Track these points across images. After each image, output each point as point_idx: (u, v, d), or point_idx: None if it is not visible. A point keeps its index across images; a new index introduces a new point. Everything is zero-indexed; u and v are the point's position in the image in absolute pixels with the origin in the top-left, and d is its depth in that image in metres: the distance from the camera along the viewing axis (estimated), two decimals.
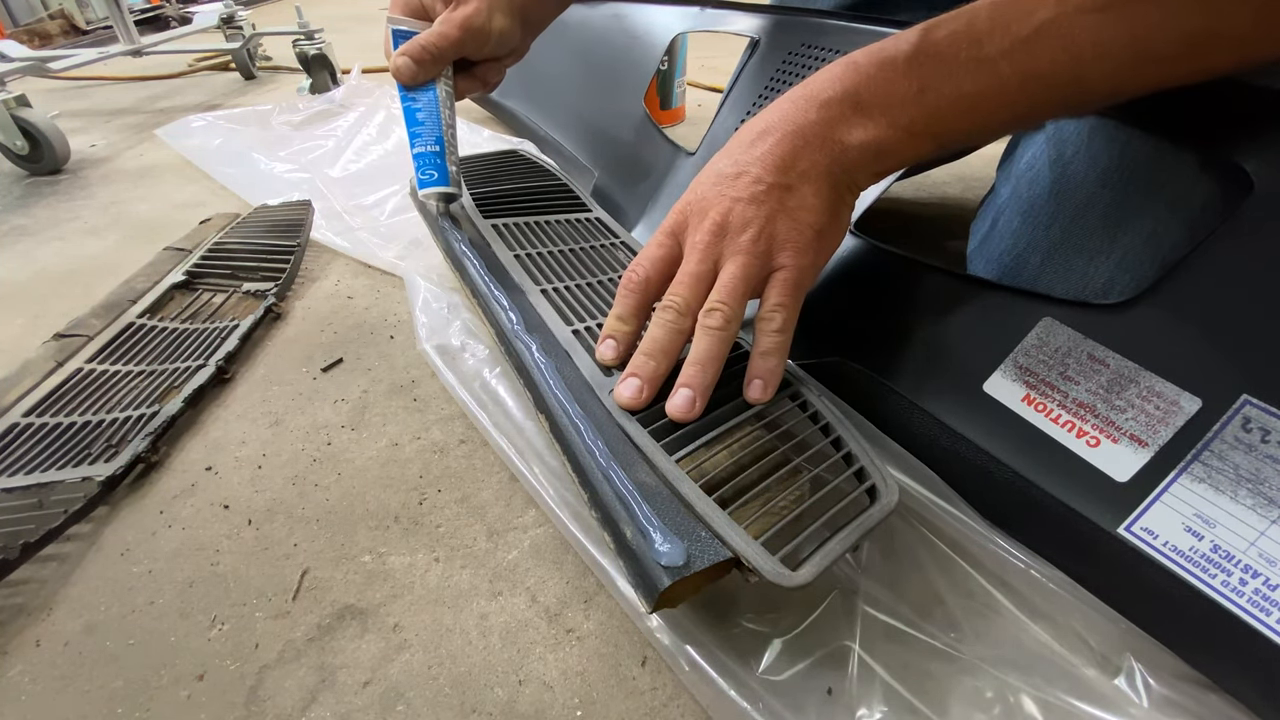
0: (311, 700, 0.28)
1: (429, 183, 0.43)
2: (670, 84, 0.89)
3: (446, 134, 0.43)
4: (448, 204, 0.47)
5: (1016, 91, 0.26)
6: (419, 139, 0.42)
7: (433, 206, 0.48)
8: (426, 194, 0.44)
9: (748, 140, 0.31)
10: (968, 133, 0.29)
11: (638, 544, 0.25)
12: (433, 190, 0.43)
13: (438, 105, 0.43)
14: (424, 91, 0.43)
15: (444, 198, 0.45)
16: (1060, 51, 0.25)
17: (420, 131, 0.42)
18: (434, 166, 0.42)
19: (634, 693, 0.28)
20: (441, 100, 0.43)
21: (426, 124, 0.42)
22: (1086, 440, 0.27)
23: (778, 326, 0.29)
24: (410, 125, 0.43)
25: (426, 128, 0.42)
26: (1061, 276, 0.34)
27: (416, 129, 0.42)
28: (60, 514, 0.33)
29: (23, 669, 0.29)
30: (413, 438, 0.41)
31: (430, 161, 0.42)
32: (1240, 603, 0.23)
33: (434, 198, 0.45)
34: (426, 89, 0.43)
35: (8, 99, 0.79)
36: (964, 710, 0.26)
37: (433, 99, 0.43)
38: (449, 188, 0.43)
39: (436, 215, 0.48)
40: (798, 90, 0.31)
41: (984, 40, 0.26)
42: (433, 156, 0.42)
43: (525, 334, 0.36)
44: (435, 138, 0.42)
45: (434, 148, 0.42)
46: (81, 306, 0.52)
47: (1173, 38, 0.24)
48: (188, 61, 1.35)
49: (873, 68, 0.29)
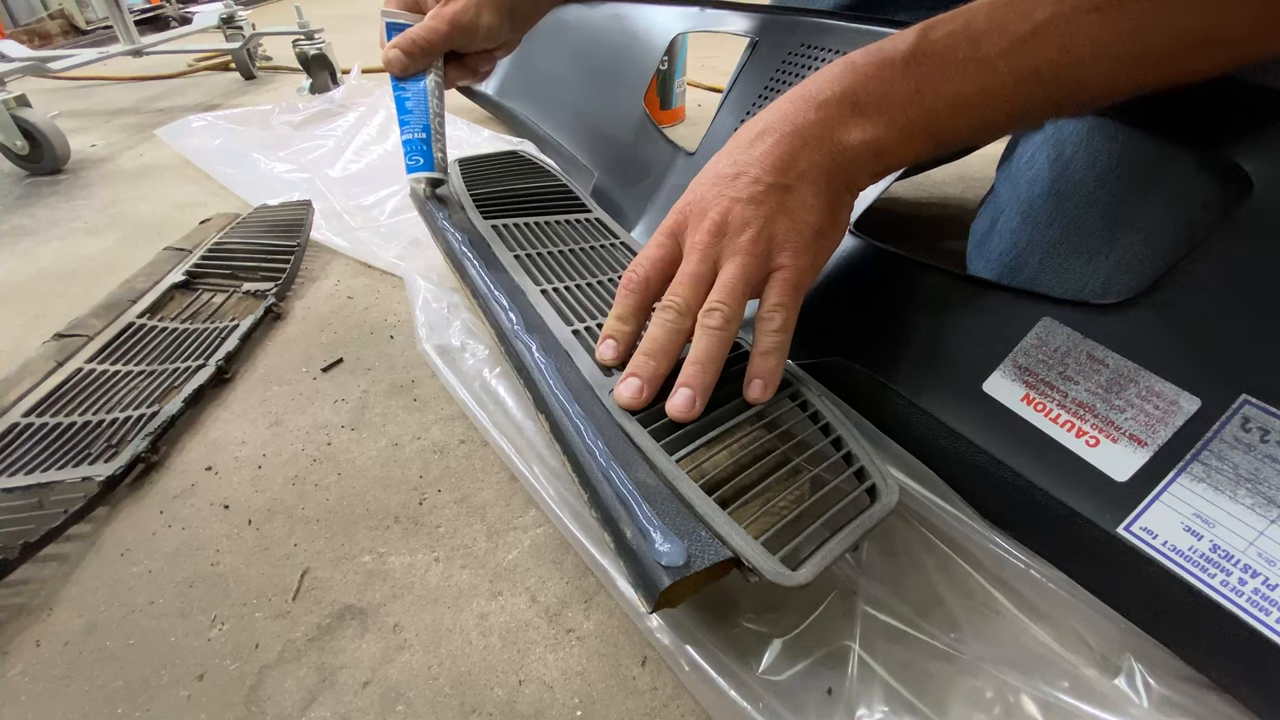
0: (311, 700, 0.28)
1: (415, 168, 0.46)
2: (670, 84, 0.89)
3: (434, 122, 0.45)
4: (434, 188, 0.50)
5: (1014, 91, 0.27)
6: (407, 126, 0.45)
7: (420, 190, 0.50)
8: (413, 178, 0.46)
9: (746, 141, 0.31)
10: (966, 132, 0.29)
11: (638, 544, 0.25)
12: (418, 175, 0.46)
13: (426, 95, 0.45)
14: (414, 82, 0.45)
15: (430, 182, 0.48)
16: (1058, 51, 0.25)
17: (409, 120, 0.45)
18: (420, 153, 0.45)
19: (634, 693, 0.28)
20: (430, 90, 0.45)
21: (415, 113, 0.45)
22: (1086, 440, 0.27)
23: (777, 326, 0.29)
24: (400, 114, 0.45)
25: (415, 116, 0.45)
26: (1061, 276, 0.34)
27: (405, 117, 0.45)
28: (60, 514, 0.33)
29: (23, 669, 0.29)
30: (413, 438, 0.41)
31: (417, 148, 0.45)
32: (1239, 602, 0.23)
33: (420, 182, 0.48)
34: (417, 79, 0.45)
35: (8, 99, 0.79)
36: (964, 710, 0.26)
37: (422, 89, 0.45)
38: (434, 173, 0.46)
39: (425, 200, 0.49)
40: (796, 91, 0.31)
41: (982, 40, 0.26)
42: (420, 143, 0.45)
43: (525, 334, 0.36)
44: (423, 125, 0.45)
45: (421, 135, 0.45)
46: (81, 306, 0.52)
47: (1171, 37, 0.24)
48: (188, 61, 1.35)
49: (871, 68, 0.29)
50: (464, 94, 0.92)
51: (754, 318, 0.30)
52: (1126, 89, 0.26)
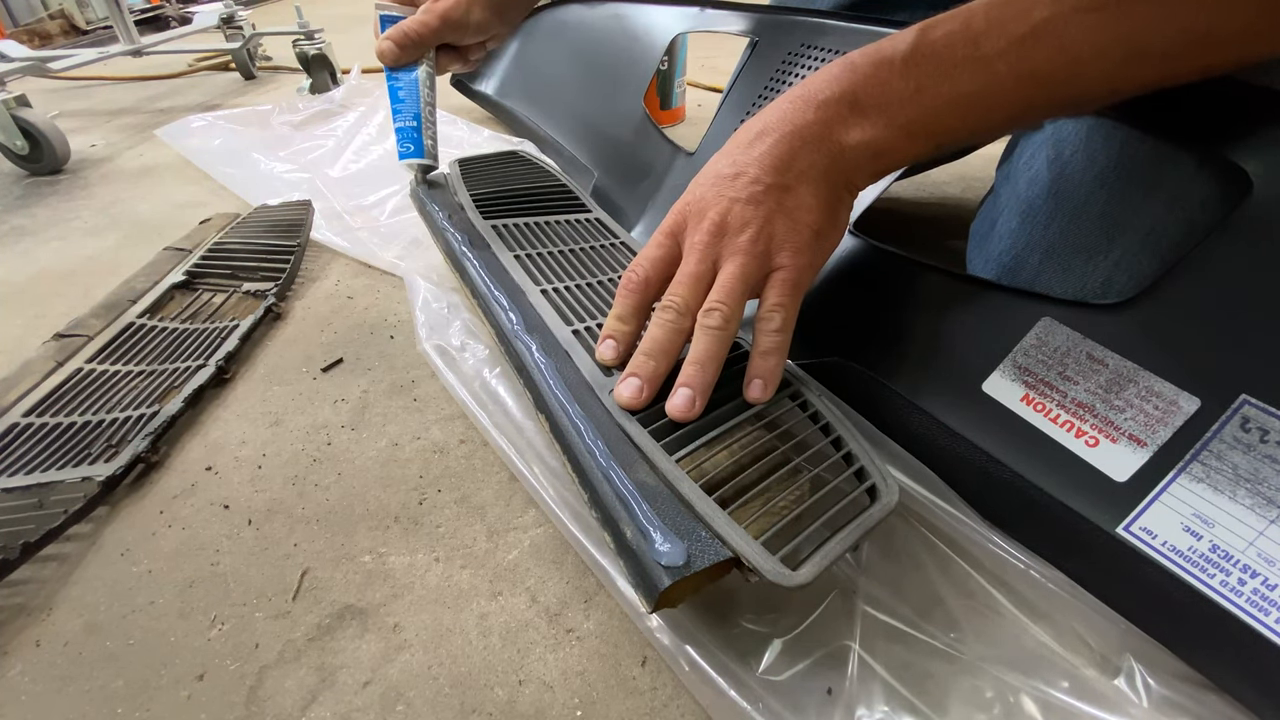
0: (311, 700, 0.28)
1: (406, 154, 0.48)
2: (670, 84, 0.89)
3: (425, 111, 0.47)
4: (425, 174, 0.51)
5: (1013, 91, 0.27)
6: (399, 115, 0.47)
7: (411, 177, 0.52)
8: (405, 164, 0.48)
9: (745, 141, 0.31)
10: (965, 132, 0.29)
11: (638, 544, 0.25)
12: (409, 161, 0.48)
13: (418, 85, 0.47)
14: (407, 72, 0.47)
15: (421, 169, 0.50)
16: (1057, 51, 0.25)
17: (401, 109, 0.47)
18: (411, 140, 0.47)
19: (634, 693, 0.28)
20: (422, 80, 0.47)
21: (406, 102, 0.47)
22: (1085, 440, 0.27)
23: (777, 326, 0.29)
24: (393, 103, 0.47)
25: (406, 105, 0.47)
26: (1060, 276, 0.34)
27: (398, 106, 0.47)
28: (60, 514, 0.33)
29: (23, 669, 0.29)
30: (413, 438, 0.41)
31: (408, 135, 0.47)
32: (1239, 602, 0.23)
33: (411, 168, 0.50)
34: (409, 70, 0.47)
35: (8, 99, 0.79)
36: (964, 710, 0.26)
37: (414, 80, 0.47)
38: (424, 159, 0.48)
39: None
40: (795, 91, 0.31)
41: (981, 40, 0.26)
42: (411, 131, 0.47)
43: (525, 334, 0.36)
44: (414, 114, 0.47)
45: (412, 123, 0.47)
46: (81, 306, 0.52)
47: (1170, 36, 0.24)
48: (188, 61, 1.35)
49: (870, 68, 0.29)
50: (464, 94, 0.92)
51: (753, 317, 0.30)
52: (1126, 89, 0.26)
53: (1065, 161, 0.36)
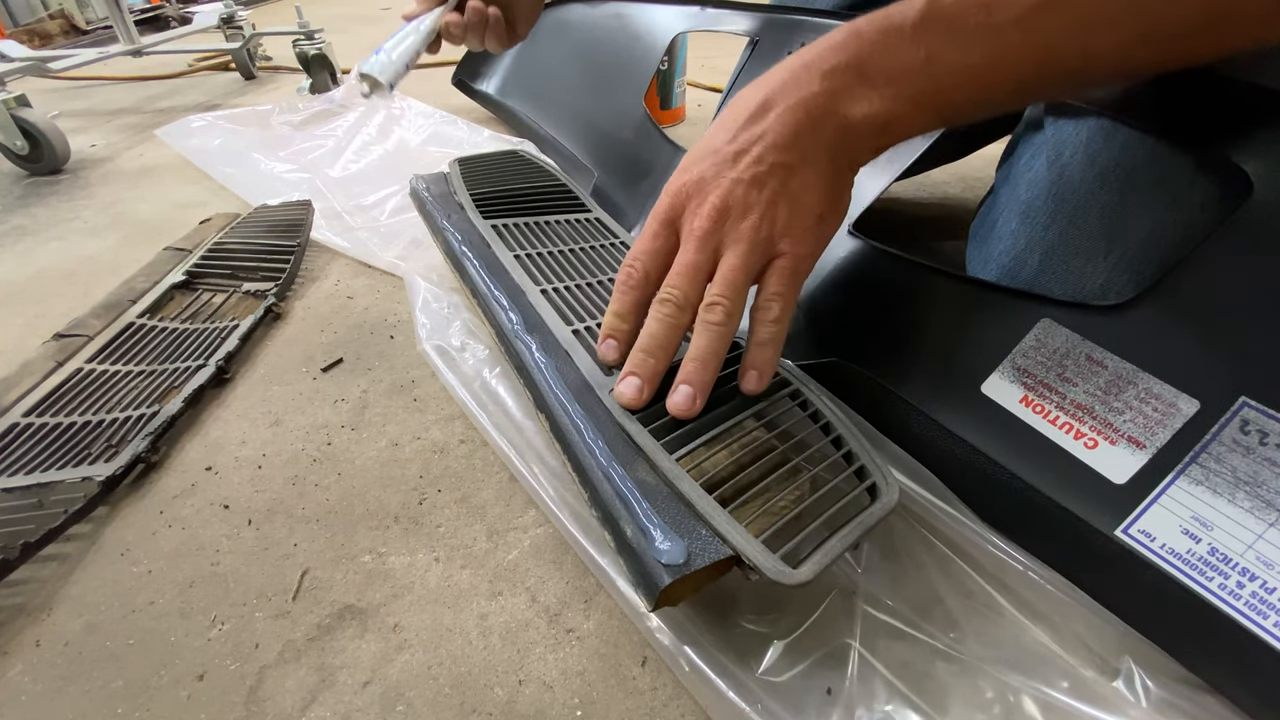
0: (311, 700, 0.28)
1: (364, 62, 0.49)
2: (670, 84, 0.89)
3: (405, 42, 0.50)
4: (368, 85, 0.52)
5: (1025, 62, 0.25)
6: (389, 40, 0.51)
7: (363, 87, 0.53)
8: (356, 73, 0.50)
9: (746, 114, 0.29)
10: (973, 105, 0.28)
11: (638, 542, 0.25)
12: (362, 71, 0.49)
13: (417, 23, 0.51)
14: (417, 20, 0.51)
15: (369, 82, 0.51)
16: (1071, 21, 0.24)
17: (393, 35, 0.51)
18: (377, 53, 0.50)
19: (634, 693, 0.28)
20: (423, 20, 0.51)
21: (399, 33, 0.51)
22: (1084, 442, 0.27)
23: (775, 316, 0.29)
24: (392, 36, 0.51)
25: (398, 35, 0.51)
26: (1060, 277, 0.34)
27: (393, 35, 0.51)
28: (60, 514, 0.33)
29: (23, 669, 0.29)
30: (413, 438, 0.41)
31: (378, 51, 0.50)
32: (1238, 606, 0.23)
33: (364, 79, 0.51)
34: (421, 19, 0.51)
35: (8, 99, 0.79)
36: (964, 710, 0.26)
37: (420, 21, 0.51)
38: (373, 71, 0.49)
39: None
40: (796, 59, 0.29)
41: (994, 7, 0.25)
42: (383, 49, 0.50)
43: (525, 334, 0.36)
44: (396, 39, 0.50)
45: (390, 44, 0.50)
46: (81, 306, 0.52)
47: (1186, 13, 0.23)
48: (188, 61, 1.35)
49: (877, 35, 0.27)
50: (465, 93, 0.92)
51: (750, 306, 0.30)
52: (1137, 65, 0.25)
53: (1065, 162, 0.36)
